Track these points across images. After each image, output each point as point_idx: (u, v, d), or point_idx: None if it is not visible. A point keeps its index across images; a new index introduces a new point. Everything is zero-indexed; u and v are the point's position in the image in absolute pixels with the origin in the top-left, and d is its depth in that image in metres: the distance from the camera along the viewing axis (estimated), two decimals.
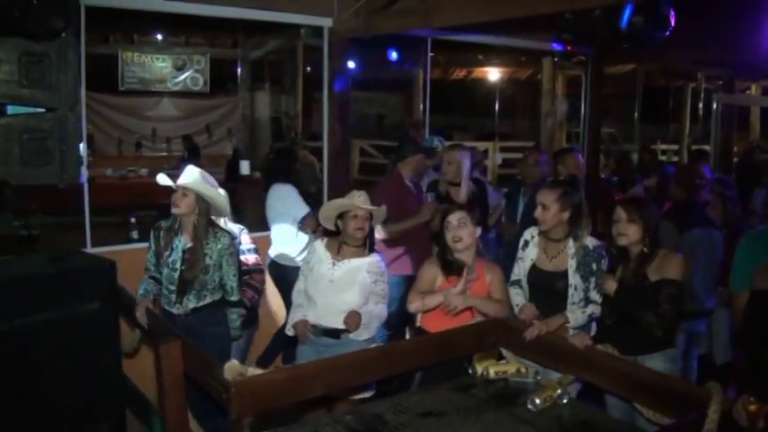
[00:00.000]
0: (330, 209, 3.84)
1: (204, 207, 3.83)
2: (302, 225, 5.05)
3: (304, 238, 5.09)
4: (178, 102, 13.92)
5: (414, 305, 3.67)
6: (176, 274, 3.85)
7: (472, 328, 3.51)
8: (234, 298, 3.96)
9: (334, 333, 3.76)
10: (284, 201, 5.10)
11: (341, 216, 3.78)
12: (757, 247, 3.27)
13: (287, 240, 5.13)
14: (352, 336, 3.69)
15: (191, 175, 3.80)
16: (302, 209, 5.05)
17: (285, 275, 5.06)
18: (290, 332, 3.94)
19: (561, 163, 5.28)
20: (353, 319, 3.63)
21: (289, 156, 5.39)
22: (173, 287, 3.87)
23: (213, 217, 3.94)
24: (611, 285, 3.33)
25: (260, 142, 12.39)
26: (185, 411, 3.33)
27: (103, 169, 11.62)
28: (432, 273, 3.71)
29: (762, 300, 2.85)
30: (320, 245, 3.91)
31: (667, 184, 5.43)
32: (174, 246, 3.87)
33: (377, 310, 3.78)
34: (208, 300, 3.90)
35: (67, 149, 4.10)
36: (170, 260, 3.86)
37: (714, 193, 5.27)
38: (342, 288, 3.75)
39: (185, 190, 3.78)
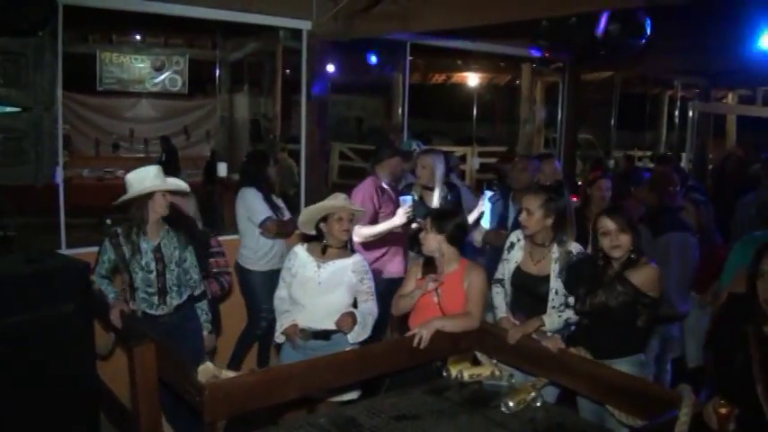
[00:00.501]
0: (314, 212, 3.83)
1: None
2: (262, 229, 5.04)
3: (267, 242, 5.09)
4: (156, 103, 13.79)
5: (393, 309, 3.73)
6: (153, 275, 3.82)
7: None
8: (197, 291, 3.98)
9: (324, 335, 3.75)
10: (247, 205, 5.08)
11: (324, 219, 3.78)
12: (750, 251, 3.37)
13: (249, 244, 5.13)
14: (350, 337, 3.67)
15: (158, 177, 3.79)
16: (262, 213, 5.02)
17: (246, 278, 5.10)
18: (279, 339, 3.89)
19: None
20: (346, 319, 3.62)
21: (259, 159, 5.35)
22: (152, 290, 3.84)
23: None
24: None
25: (238, 144, 12.34)
26: (159, 414, 3.31)
27: (80, 170, 11.51)
28: (413, 274, 3.77)
29: (733, 303, 2.90)
30: (301, 249, 3.89)
31: (620, 189, 5.51)
32: (143, 249, 3.81)
33: (368, 308, 3.77)
34: (186, 295, 3.93)
35: (43, 149, 4.07)
36: (143, 263, 3.81)
37: (687, 199, 5.34)
38: (329, 289, 3.74)
39: (165, 192, 3.78)
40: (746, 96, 14.64)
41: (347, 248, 3.88)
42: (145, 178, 3.74)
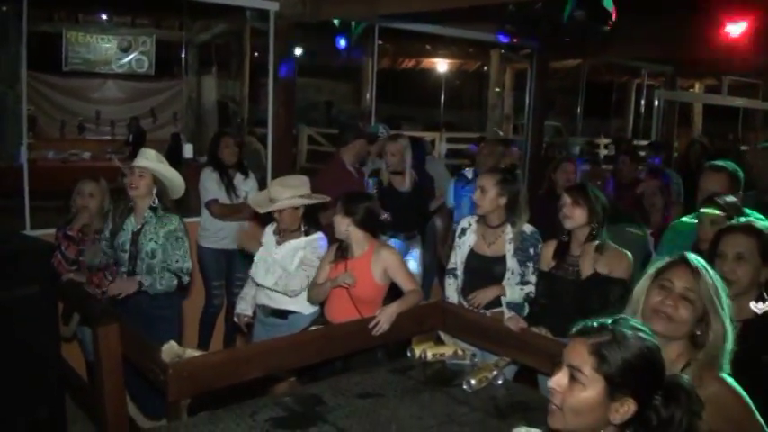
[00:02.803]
0: (261, 200, 3.86)
1: (161, 188, 3.80)
2: (207, 209, 5.08)
3: (216, 222, 5.10)
4: (123, 84, 13.61)
5: (308, 296, 3.76)
6: (126, 256, 3.80)
7: (412, 311, 3.55)
8: (185, 279, 3.87)
9: (281, 314, 3.81)
10: (200, 184, 5.12)
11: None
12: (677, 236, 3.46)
13: (202, 221, 5.19)
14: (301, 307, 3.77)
15: (147, 156, 3.77)
16: (209, 194, 5.05)
17: (199, 254, 5.13)
18: (235, 319, 4.04)
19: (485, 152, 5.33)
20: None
21: (215, 139, 5.34)
22: (123, 269, 3.83)
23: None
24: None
25: (206, 127, 12.25)
26: (123, 394, 3.30)
27: (45, 152, 11.31)
28: (326, 260, 3.75)
29: None
30: (270, 229, 3.95)
31: None
32: (125, 227, 3.82)
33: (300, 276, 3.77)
34: None
35: (6, 129, 4.01)
36: (120, 242, 3.81)
37: (649, 182, 5.42)
38: (283, 267, 3.76)
39: (142, 171, 3.73)
40: (713, 86, 14.89)
41: (300, 231, 3.85)
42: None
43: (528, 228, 3.66)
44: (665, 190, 5.41)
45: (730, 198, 3.36)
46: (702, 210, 3.36)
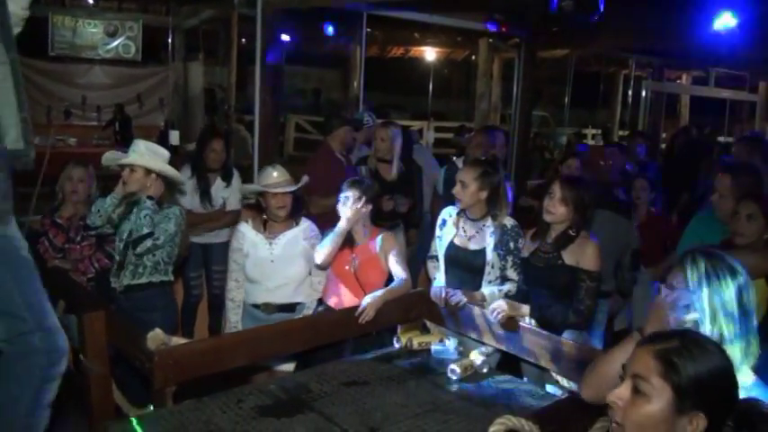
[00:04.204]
0: (246, 191, 3.84)
1: (159, 181, 3.66)
2: None
3: None
4: (109, 69, 13.48)
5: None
6: (122, 245, 3.70)
7: (398, 300, 3.57)
8: (165, 278, 3.76)
9: (289, 308, 3.80)
10: None
11: (262, 194, 3.77)
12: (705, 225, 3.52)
13: None
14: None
15: (135, 149, 3.66)
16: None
17: None
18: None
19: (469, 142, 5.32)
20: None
21: (200, 137, 5.20)
22: (117, 258, 3.75)
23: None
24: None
25: (192, 114, 12.18)
26: (109, 381, 3.29)
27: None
28: None
29: None
30: (247, 228, 3.85)
31: None
32: (130, 217, 3.68)
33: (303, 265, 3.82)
34: (144, 279, 3.71)
35: None
36: (120, 229, 3.72)
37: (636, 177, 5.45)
38: (286, 263, 3.76)
39: (132, 166, 3.62)
40: (700, 78, 14.97)
41: (292, 219, 3.85)
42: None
43: (509, 221, 3.60)
44: (653, 184, 5.41)
45: None
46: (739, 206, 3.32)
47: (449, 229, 3.72)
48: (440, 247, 3.75)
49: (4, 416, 2.29)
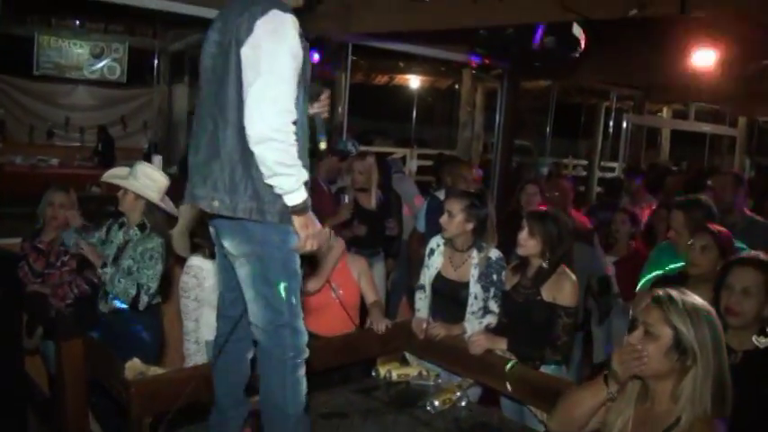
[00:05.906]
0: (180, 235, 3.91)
1: (148, 203, 3.72)
2: None
3: None
4: (94, 90, 13.42)
5: None
6: (106, 269, 3.67)
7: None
8: (143, 299, 3.63)
9: None
10: None
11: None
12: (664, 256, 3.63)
13: None
14: None
15: (132, 174, 3.71)
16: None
17: None
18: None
19: (447, 173, 5.28)
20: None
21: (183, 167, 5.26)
22: (104, 279, 3.70)
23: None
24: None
25: (176, 137, 12.15)
26: (86, 410, 3.26)
27: (13, 157, 11.08)
28: None
29: None
30: (203, 261, 3.76)
31: None
32: (114, 239, 3.78)
33: None
34: (128, 303, 3.67)
35: None
36: (106, 253, 3.75)
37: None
38: None
39: (125, 189, 3.71)
40: (680, 111, 15.22)
41: None
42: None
43: (494, 253, 3.60)
44: (634, 219, 5.42)
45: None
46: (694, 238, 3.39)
47: (436, 259, 3.74)
48: (427, 276, 3.76)
49: (271, 401, 2.51)
